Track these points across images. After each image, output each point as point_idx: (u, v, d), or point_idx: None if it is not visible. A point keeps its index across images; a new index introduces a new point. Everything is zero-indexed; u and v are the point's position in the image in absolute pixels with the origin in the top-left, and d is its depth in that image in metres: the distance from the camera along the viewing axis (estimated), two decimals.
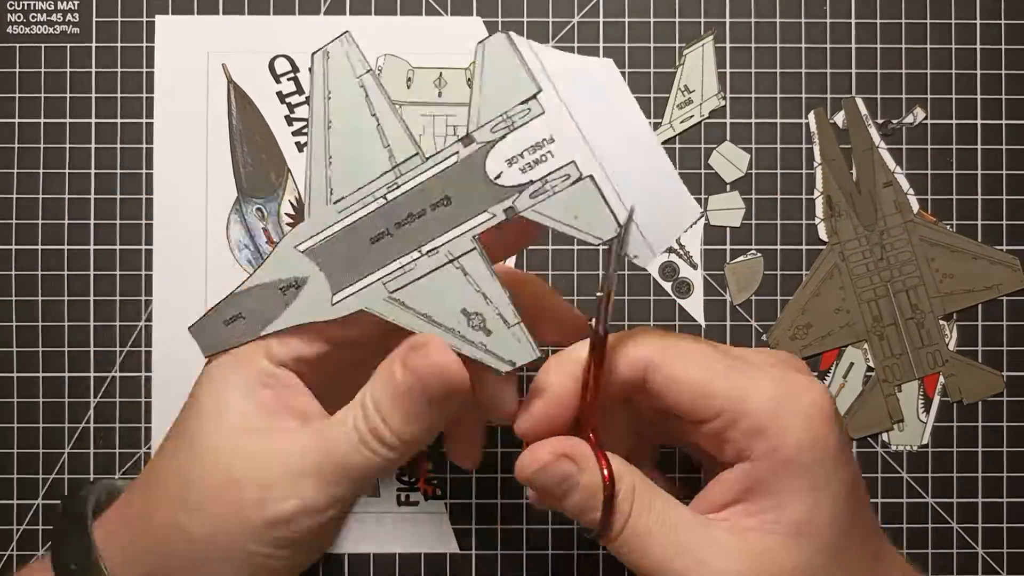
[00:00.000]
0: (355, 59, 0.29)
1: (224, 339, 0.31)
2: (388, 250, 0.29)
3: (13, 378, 0.41)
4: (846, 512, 0.29)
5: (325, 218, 0.29)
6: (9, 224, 0.41)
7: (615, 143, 0.27)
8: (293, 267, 0.29)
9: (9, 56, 0.41)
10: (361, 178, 0.29)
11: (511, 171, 0.28)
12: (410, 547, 0.41)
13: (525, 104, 0.27)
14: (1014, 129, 0.42)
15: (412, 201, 0.28)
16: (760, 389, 0.28)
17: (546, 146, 0.27)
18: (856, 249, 0.42)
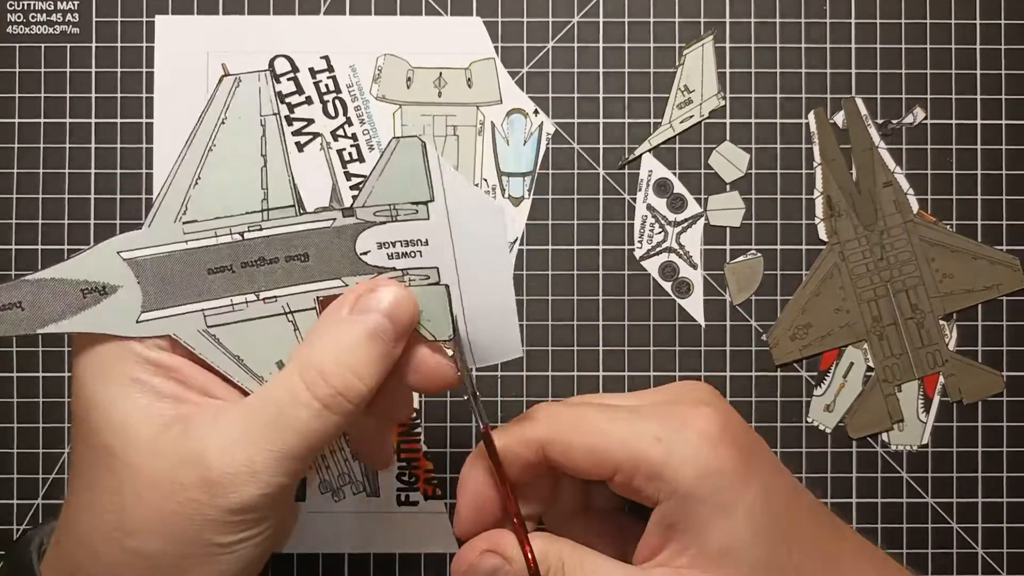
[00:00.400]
0: (266, 98, 0.29)
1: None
2: (224, 285, 0.28)
3: (13, 378, 0.41)
4: (765, 524, 0.29)
5: (167, 235, 0.28)
6: (9, 224, 0.41)
7: (477, 271, 0.29)
8: (107, 272, 0.28)
9: (9, 56, 0.41)
10: (224, 209, 0.28)
11: (378, 253, 0.29)
12: (410, 547, 0.41)
13: (414, 205, 0.28)
14: (1014, 129, 0.42)
15: (269, 247, 0.28)
16: (646, 435, 0.30)
17: (419, 247, 0.29)
18: (856, 249, 0.42)
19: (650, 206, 0.42)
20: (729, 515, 0.29)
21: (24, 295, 0.27)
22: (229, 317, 0.28)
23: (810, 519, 0.31)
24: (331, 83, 0.42)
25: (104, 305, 0.28)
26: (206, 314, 0.28)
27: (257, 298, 0.29)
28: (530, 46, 0.42)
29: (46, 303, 0.27)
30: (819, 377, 0.42)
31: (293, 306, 0.29)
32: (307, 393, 0.27)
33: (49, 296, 0.27)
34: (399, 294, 0.29)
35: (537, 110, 0.42)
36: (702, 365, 0.42)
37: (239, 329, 0.29)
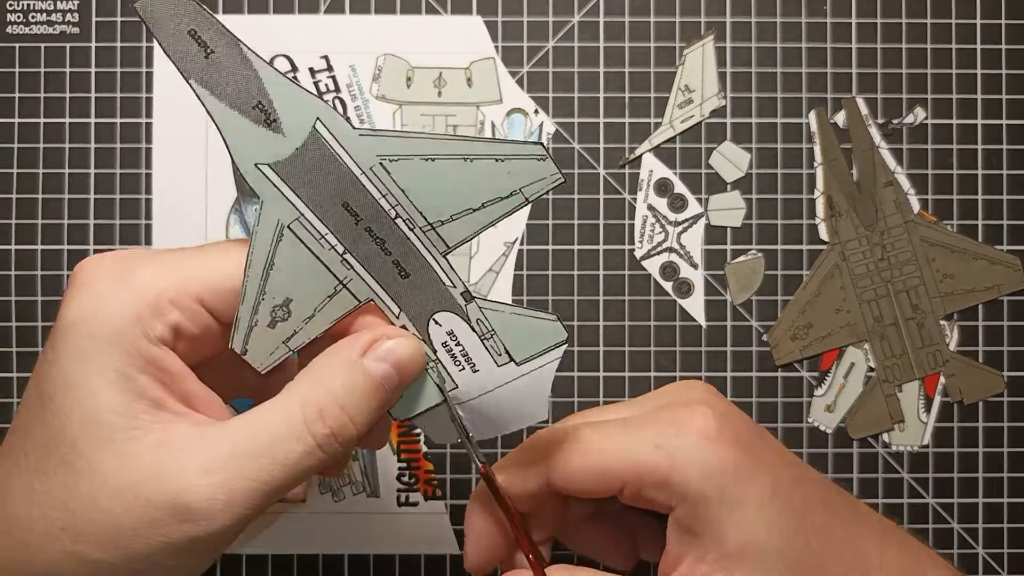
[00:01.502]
0: (537, 189, 0.29)
1: (169, 31, 0.26)
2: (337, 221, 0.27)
3: (13, 378, 0.41)
4: (779, 515, 0.29)
5: (363, 153, 0.27)
6: (9, 224, 0.41)
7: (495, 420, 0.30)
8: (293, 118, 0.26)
9: (9, 56, 0.41)
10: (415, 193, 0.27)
11: (442, 334, 0.29)
12: (410, 548, 0.41)
13: (505, 352, 0.29)
14: (1014, 129, 0.42)
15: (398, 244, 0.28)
16: (645, 444, 0.29)
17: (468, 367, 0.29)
18: (857, 249, 0.42)
19: (651, 206, 0.42)
20: (741, 511, 0.29)
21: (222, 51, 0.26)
22: (310, 240, 0.27)
23: (824, 507, 0.31)
24: (331, 83, 0.41)
25: (255, 130, 0.26)
26: (302, 219, 0.27)
27: (343, 253, 0.27)
28: (530, 46, 0.42)
29: (225, 75, 0.26)
30: (820, 377, 0.42)
31: (352, 287, 0.28)
32: (305, 430, 0.26)
33: (234, 74, 0.26)
34: (413, 349, 0.28)
35: (537, 110, 0.42)
36: (703, 365, 0.42)
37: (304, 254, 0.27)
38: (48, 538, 0.25)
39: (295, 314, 0.28)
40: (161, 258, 0.27)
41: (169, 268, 0.27)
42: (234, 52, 0.26)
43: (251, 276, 0.27)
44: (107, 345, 0.26)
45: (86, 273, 0.27)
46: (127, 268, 0.27)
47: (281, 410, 0.27)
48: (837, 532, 0.30)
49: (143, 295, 0.26)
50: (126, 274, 0.27)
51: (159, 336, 0.26)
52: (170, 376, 0.27)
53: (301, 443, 0.26)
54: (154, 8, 0.25)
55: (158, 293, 0.26)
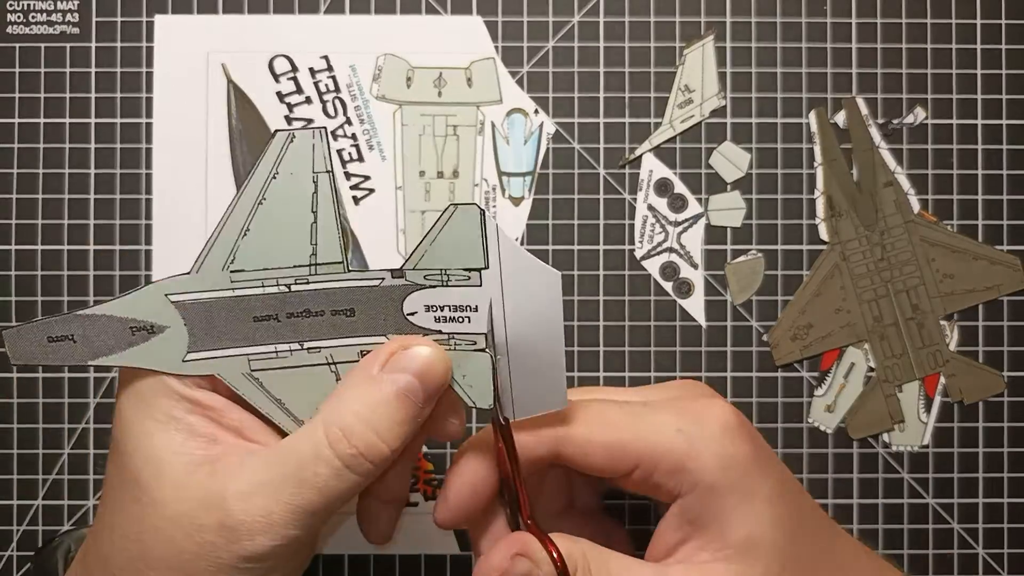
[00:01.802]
0: (319, 155, 0.29)
1: (41, 355, 0.29)
2: (269, 333, 0.29)
3: (13, 378, 0.41)
4: (784, 511, 0.29)
5: (214, 281, 0.29)
6: (9, 224, 0.41)
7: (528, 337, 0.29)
8: (155, 313, 0.28)
9: (9, 56, 0.41)
10: (272, 261, 0.29)
11: (426, 315, 0.29)
12: (410, 548, 0.41)
13: (467, 272, 0.28)
14: (1014, 129, 0.42)
15: (315, 300, 0.29)
16: (666, 427, 0.30)
17: (468, 312, 0.29)
18: (857, 249, 0.42)
19: (651, 206, 0.42)
20: (751, 503, 0.29)
21: (76, 329, 0.28)
22: (273, 363, 0.29)
23: (817, 513, 0.32)
24: (331, 83, 0.41)
25: (152, 343, 0.29)
26: (250, 359, 0.29)
27: (301, 347, 0.29)
28: (530, 45, 0.42)
29: (96, 337, 0.28)
30: (820, 377, 0.42)
31: (336, 357, 0.29)
32: (329, 451, 0.27)
33: (99, 331, 0.28)
34: (433, 355, 0.28)
35: (537, 110, 0.42)
36: (703, 365, 0.42)
37: (282, 375, 0.29)
38: (128, 569, 0.28)
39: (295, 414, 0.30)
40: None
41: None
42: (80, 322, 0.28)
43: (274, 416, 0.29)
44: (154, 395, 0.29)
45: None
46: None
47: (307, 434, 0.28)
48: (823, 540, 0.31)
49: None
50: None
51: (194, 381, 0.29)
52: (216, 412, 0.29)
53: (327, 465, 0.27)
54: (18, 349, 0.28)
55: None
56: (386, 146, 0.42)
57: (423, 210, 0.42)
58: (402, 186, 0.42)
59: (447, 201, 0.42)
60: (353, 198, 0.41)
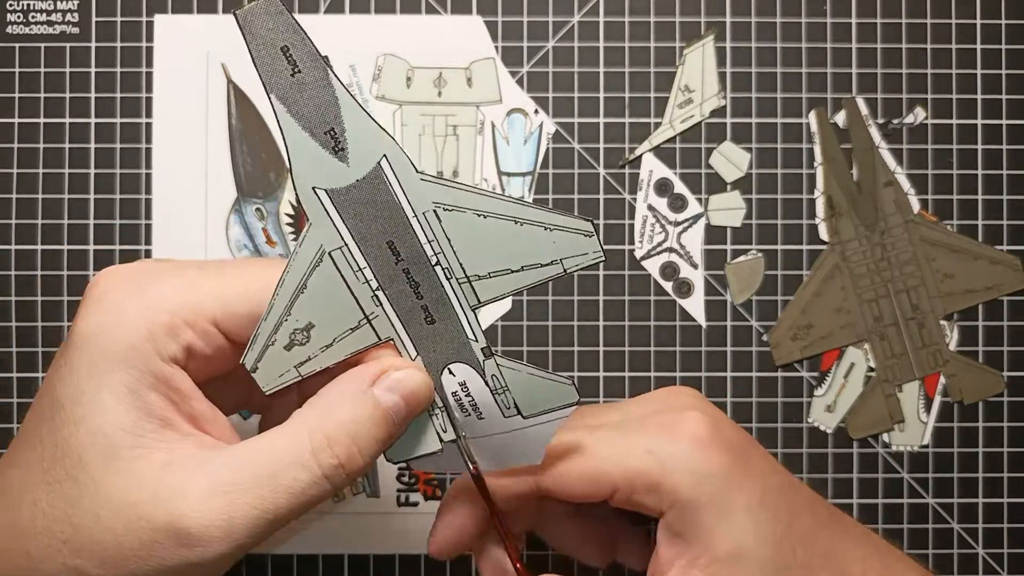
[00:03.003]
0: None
1: (262, 42, 0.25)
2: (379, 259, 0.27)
3: (13, 378, 0.41)
4: (767, 521, 0.29)
5: (418, 195, 0.27)
6: (9, 224, 0.41)
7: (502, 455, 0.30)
8: (361, 146, 0.26)
9: (9, 56, 0.41)
10: (462, 245, 0.28)
11: (454, 384, 0.29)
12: (410, 548, 0.41)
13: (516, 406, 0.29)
14: (1014, 129, 0.42)
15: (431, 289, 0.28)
16: (637, 449, 0.30)
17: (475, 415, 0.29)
18: (857, 249, 0.42)
19: (651, 206, 0.42)
20: (731, 517, 0.29)
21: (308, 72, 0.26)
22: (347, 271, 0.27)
23: (810, 514, 0.31)
24: None
25: (319, 152, 0.26)
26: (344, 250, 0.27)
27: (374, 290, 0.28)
28: (530, 45, 0.42)
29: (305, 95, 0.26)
30: (820, 377, 0.42)
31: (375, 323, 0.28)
32: (311, 458, 0.26)
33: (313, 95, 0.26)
34: (422, 381, 0.28)
35: (537, 110, 0.42)
36: (703, 366, 0.42)
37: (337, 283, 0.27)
38: (50, 550, 0.25)
39: (314, 341, 0.28)
40: (179, 274, 0.27)
41: (186, 286, 0.27)
42: (320, 75, 0.26)
43: (280, 294, 0.27)
44: (119, 361, 0.26)
45: (104, 285, 0.27)
46: (144, 283, 0.27)
47: (289, 437, 0.27)
48: (821, 539, 0.31)
49: (158, 313, 0.26)
50: (143, 289, 0.27)
51: (171, 355, 0.26)
52: (179, 395, 0.27)
53: (307, 472, 0.26)
54: (253, 20, 0.25)
55: (173, 312, 0.26)
56: None
57: None
58: None
59: None
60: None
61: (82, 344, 0.26)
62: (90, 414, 0.25)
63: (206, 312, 0.27)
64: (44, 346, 0.41)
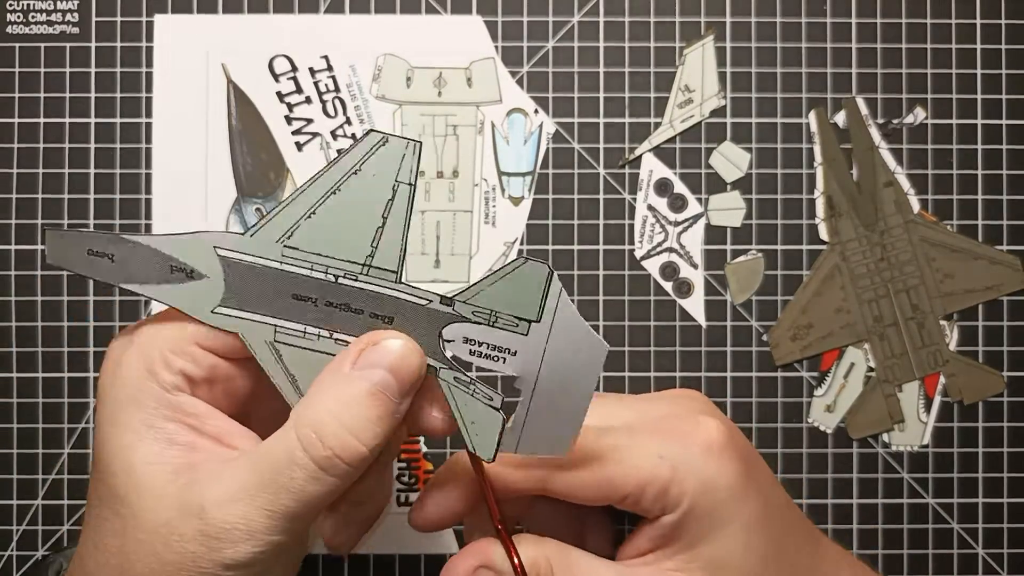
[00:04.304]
0: (407, 167, 0.29)
1: (78, 263, 0.29)
2: (302, 312, 0.29)
3: (13, 378, 0.41)
4: (760, 539, 0.30)
5: (266, 249, 0.29)
6: (9, 224, 0.41)
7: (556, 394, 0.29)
8: (200, 260, 0.29)
9: (8, 56, 0.41)
10: (328, 250, 0.29)
11: (462, 347, 0.29)
12: (410, 548, 0.41)
13: (517, 319, 0.29)
14: (1014, 129, 0.42)
15: (359, 298, 0.29)
16: (650, 455, 0.30)
17: (505, 354, 0.29)
18: (857, 249, 0.42)
19: (651, 206, 0.42)
20: (726, 529, 0.29)
21: (117, 250, 0.29)
22: (298, 341, 0.29)
23: (799, 533, 0.32)
24: (331, 82, 0.41)
25: (187, 287, 0.29)
26: (277, 330, 0.29)
27: (330, 336, 0.29)
28: (530, 45, 0.42)
29: (135, 264, 0.29)
30: (820, 377, 0.42)
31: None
32: (303, 454, 0.26)
33: (140, 260, 0.29)
34: (405, 347, 0.28)
35: (537, 109, 0.42)
36: (703, 366, 0.42)
37: (303, 354, 0.29)
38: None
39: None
40: (158, 317, 0.29)
41: (165, 321, 0.29)
42: (124, 246, 0.28)
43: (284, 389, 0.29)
44: (128, 404, 0.28)
45: (108, 352, 0.29)
46: (135, 332, 0.29)
47: (281, 437, 0.27)
48: (802, 558, 0.31)
49: (149, 351, 0.28)
50: (135, 337, 0.29)
51: (173, 384, 0.28)
52: (198, 418, 0.28)
53: (302, 469, 0.26)
54: (57, 250, 0.28)
55: (160, 347, 0.28)
56: None
57: (423, 210, 0.42)
58: None
59: (446, 201, 0.42)
60: None
61: (100, 402, 0.29)
62: (118, 455, 0.27)
63: (187, 337, 0.28)
64: (44, 346, 0.41)
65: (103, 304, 0.41)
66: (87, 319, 0.41)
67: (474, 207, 0.42)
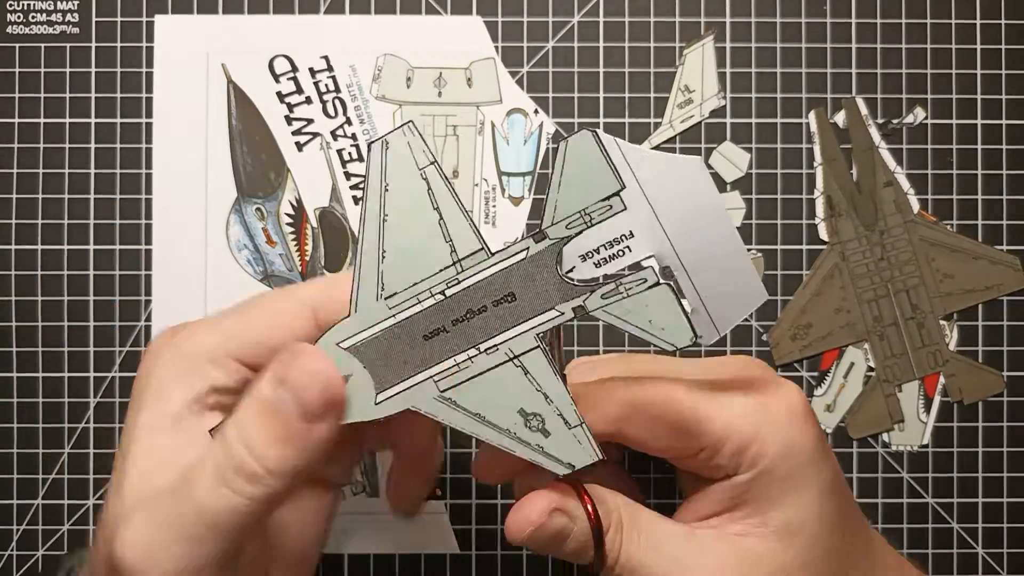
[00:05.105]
0: (418, 150, 0.28)
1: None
2: (443, 347, 0.28)
3: (13, 378, 0.41)
4: (831, 506, 0.29)
5: (374, 314, 0.28)
6: (9, 224, 0.41)
7: (696, 237, 0.27)
8: (336, 365, 0.27)
9: (9, 56, 0.41)
10: (418, 273, 0.27)
11: (584, 266, 0.27)
12: (410, 547, 0.41)
13: (606, 201, 0.27)
14: (1014, 129, 0.42)
15: (473, 297, 0.27)
16: (733, 411, 0.29)
17: (624, 241, 0.27)
18: (856, 249, 0.42)
19: None
20: (802, 493, 0.29)
21: None
22: (458, 377, 0.28)
23: (854, 510, 0.31)
24: (331, 83, 0.41)
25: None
26: (436, 380, 0.28)
27: (479, 351, 0.28)
28: (530, 46, 0.42)
29: None
30: (820, 377, 0.42)
31: (516, 350, 0.28)
32: (210, 461, 0.25)
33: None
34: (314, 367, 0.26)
35: (537, 110, 0.42)
36: None
37: (472, 387, 0.28)
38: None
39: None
40: (206, 321, 0.29)
41: (207, 329, 0.28)
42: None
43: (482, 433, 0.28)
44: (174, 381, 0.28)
45: (151, 344, 0.29)
46: (178, 332, 0.29)
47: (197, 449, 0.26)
48: (861, 534, 0.31)
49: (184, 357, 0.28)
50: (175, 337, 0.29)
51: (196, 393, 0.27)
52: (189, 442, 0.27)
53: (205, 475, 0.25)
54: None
55: (197, 354, 0.28)
56: None
57: None
58: None
59: None
60: (353, 198, 0.41)
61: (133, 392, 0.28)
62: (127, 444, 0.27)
63: (227, 349, 0.28)
64: (44, 346, 0.41)
65: (103, 304, 0.41)
66: (87, 319, 0.41)
67: (474, 207, 0.42)
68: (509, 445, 0.28)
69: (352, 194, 0.41)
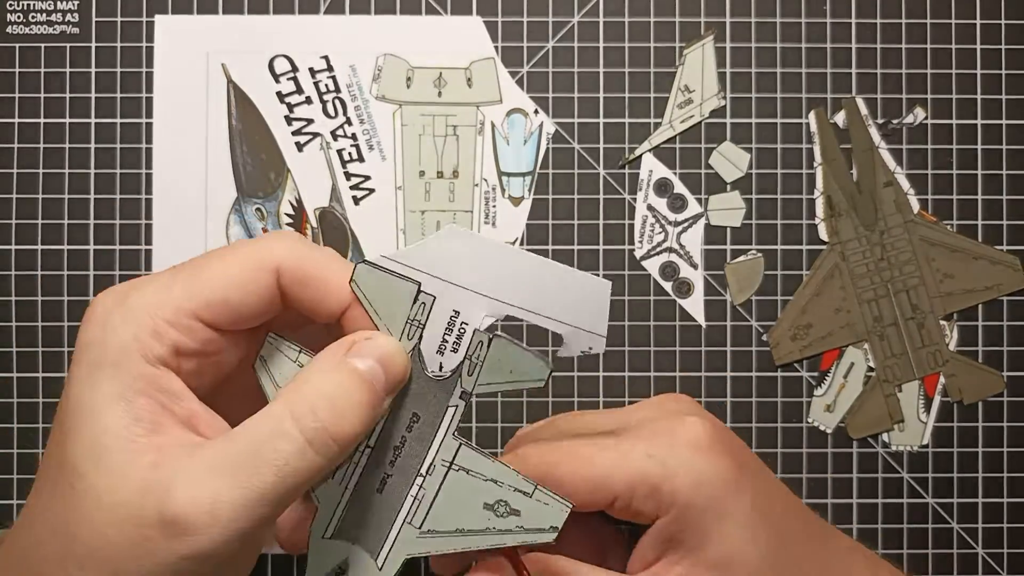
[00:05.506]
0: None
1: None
2: (396, 491, 0.29)
3: (13, 378, 0.41)
4: (763, 528, 0.30)
5: (333, 496, 0.30)
6: (9, 224, 0.41)
7: (507, 280, 0.29)
8: (331, 557, 0.30)
9: (9, 56, 0.41)
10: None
11: (445, 357, 0.29)
12: None
13: (417, 302, 0.29)
14: (1014, 129, 0.42)
15: (391, 435, 0.29)
16: (636, 454, 0.30)
17: (457, 319, 0.29)
18: (856, 249, 0.42)
19: (650, 206, 0.42)
20: (726, 521, 0.29)
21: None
22: (423, 508, 0.29)
23: (801, 521, 0.32)
24: (331, 83, 0.41)
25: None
26: (409, 521, 0.29)
27: (423, 476, 0.29)
28: (530, 46, 0.42)
29: None
30: (820, 377, 0.42)
31: (447, 458, 0.29)
32: (293, 424, 0.26)
33: None
34: (394, 345, 0.28)
35: (537, 110, 0.42)
36: (702, 365, 0.42)
37: (437, 510, 0.29)
38: (56, 564, 0.25)
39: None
40: (158, 279, 0.28)
41: (162, 289, 0.28)
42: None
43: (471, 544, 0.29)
44: (109, 369, 0.26)
45: (96, 303, 0.28)
46: (129, 293, 0.28)
47: (267, 413, 0.26)
48: (811, 547, 0.31)
49: (141, 317, 0.27)
50: (127, 299, 0.27)
51: (158, 357, 0.27)
52: (170, 397, 0.27)
53: (289, 440, 0.25)
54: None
55: (153, 314, 0.27)
56: (386, 146, 0.42)
57: (423, 210, 0.42)
58: (402, 186, 0.42)
59: (447, 201, 0.42)
60: (353, 198, 0.41)
61: (76, 361, 0.27)
62: (84, 423, 0.26)
63: (186, 308, 0.27)
64: (44, 346, 0.41)
65: None
66: None
67: (474, 207, 0.42)
68: (498, 542, 0.29)
69: (352, 194, 0.41)
